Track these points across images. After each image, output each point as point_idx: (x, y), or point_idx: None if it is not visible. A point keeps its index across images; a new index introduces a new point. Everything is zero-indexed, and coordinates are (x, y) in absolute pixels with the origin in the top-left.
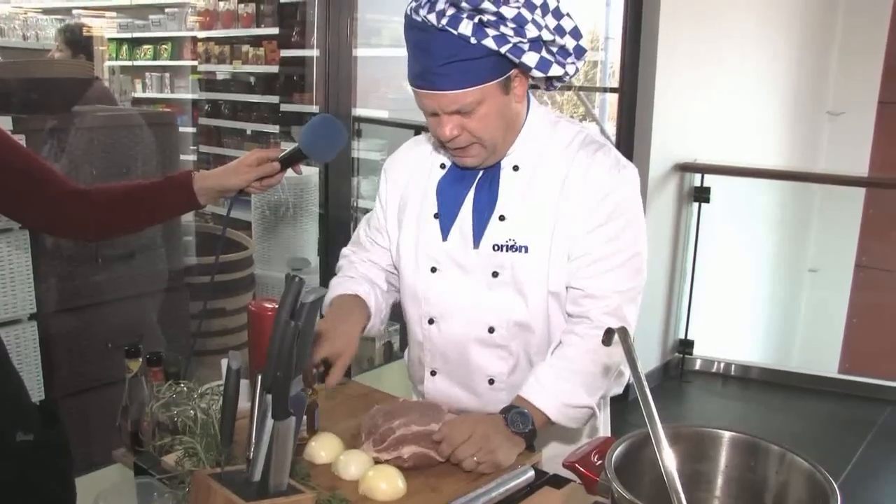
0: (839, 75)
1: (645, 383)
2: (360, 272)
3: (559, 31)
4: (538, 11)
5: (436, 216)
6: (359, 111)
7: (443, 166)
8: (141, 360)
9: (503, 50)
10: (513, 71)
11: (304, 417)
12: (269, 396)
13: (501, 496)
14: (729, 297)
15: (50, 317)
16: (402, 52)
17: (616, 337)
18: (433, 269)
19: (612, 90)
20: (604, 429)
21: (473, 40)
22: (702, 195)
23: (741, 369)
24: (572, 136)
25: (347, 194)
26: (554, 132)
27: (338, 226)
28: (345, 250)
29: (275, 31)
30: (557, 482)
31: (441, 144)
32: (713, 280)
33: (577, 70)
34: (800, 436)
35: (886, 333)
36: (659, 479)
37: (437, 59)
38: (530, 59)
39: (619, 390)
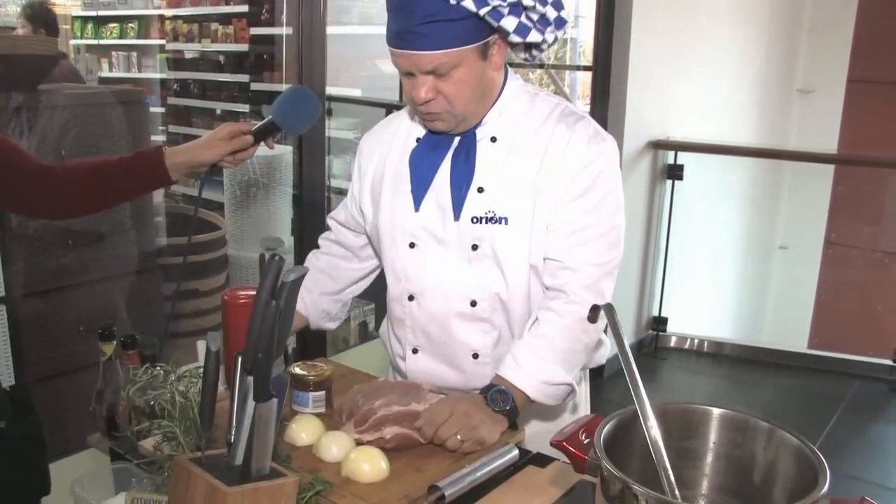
0: (809, 53)
1: (632, 359)
2: (315, 266)
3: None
4: None
5: (411, 192)
6: (330, 90)
7: (417, 140)
8: (115, 343)
9: (482, 12)
10: (492, 37)
11: (322, 394)
12: (250, 378)
13: (486, 476)
14: (702, 273)
15: (19, 300)
16: (373, 30)
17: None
18: (411, 245)
19: (586, 68)
20: (585, 403)
21: (453, 1)
22: (675, 172)
23: (714, 346)
24: (551, 108)
25: (321, 173)
26: (533, 104)
27: (311, 205)
28: (322, 237)
29: (244, 8)
30: (542, 460)
31: (413, 108)
32: (686, 257)
33: (556, 39)
34: (772, 411)
35: (854, 309)
36: (647, 456)
37: (416, 18)
38: (509, 23)
39: (601, 361)
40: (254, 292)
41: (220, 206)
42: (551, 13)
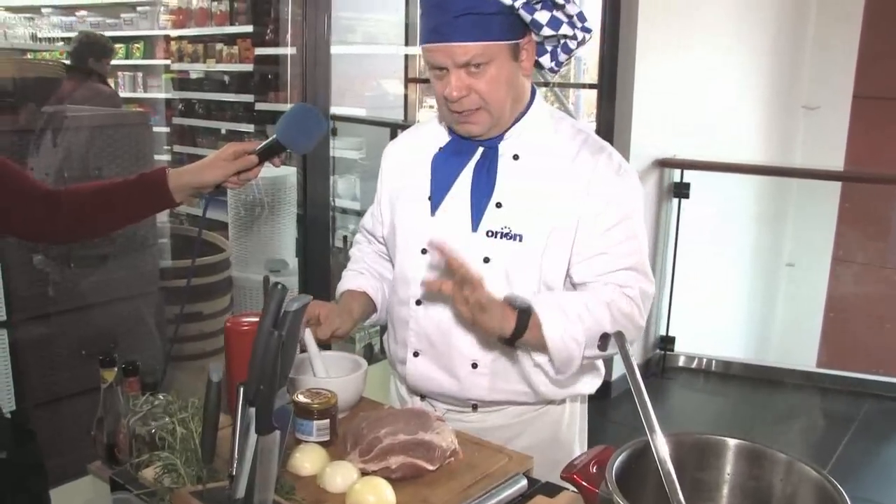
0: (814, 70)
1: (643, 389)
2: (368, 265)
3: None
4: None
5: (429, 198)
6: (335, 109)
7: (440, 149)
8: (116, 369)
9: (517, 4)
10: (523, 39)
11: (326, 422)
12: (252, 409)
13: None
14: (709, 292)
15: (21, 324)
16: (378, 50)
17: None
18: (423, 251)
19: (591, 86)
20: (580, 431)
21: None
22: (682, 191)
23: (722, 365)
24: (574, 133)
25: (326, 194)
26: (557, 128)
27: (316, 226)
28: (357, 236)
29: (249, 28)
30: (550, 490)
31: (446, 111)
32: (693, 276)
33: (584, 40)
34: (782, 432)
35: (863, 327)
36: (661, 488)
37: (452, 11)
38: (542, 16)
39: (591, 390)
40: (257, 319)
41: (224, 227)
42: (578, 22)
